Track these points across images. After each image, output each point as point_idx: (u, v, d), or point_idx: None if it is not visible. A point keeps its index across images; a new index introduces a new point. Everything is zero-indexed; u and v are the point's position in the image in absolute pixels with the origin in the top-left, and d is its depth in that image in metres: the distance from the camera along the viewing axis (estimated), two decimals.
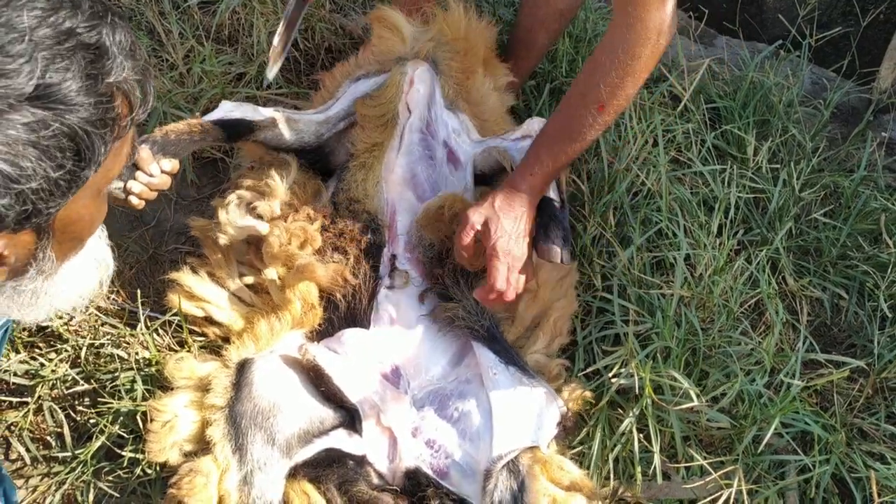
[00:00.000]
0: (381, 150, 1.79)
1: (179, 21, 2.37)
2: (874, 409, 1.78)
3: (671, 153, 2.04)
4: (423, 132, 1.83)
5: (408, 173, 1.78)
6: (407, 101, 1.83)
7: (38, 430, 1.66)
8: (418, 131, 1.82)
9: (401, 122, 1.82)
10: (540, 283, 1.66)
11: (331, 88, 1.94)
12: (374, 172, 1.76)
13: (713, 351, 1.72)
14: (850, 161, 2.29)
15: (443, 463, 1.48)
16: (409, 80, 1.85)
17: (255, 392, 1.49)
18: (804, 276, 1.99)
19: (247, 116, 1.73)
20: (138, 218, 2.07)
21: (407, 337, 1.63)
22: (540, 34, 2.08)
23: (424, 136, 1.83)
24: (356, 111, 1.82)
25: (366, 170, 1.77)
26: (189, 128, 1.65)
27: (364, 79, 1.87)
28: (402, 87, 1.83)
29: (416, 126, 1.82)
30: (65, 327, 1.74)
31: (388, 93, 1.82)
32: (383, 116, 1.81)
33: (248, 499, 1.38)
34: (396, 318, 1.64)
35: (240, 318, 1.69)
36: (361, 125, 1.81)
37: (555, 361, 1.64)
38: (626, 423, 1.58)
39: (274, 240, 1.63)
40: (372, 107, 1.81)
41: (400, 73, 1.84)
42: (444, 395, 1.56)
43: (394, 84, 1.83)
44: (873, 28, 2.70)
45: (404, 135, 1.81)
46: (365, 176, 1.76)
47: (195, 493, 1.34)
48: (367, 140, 1.79)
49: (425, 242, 1.69)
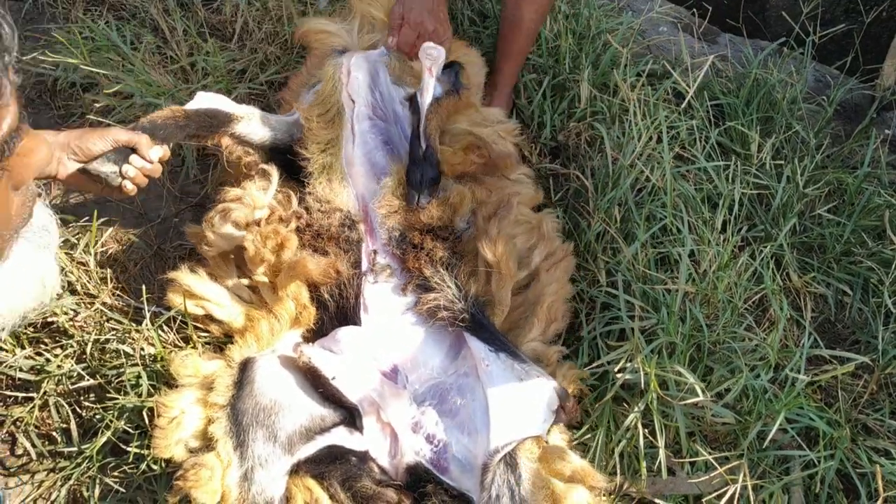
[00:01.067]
0: (335, 146, 1.78)
1: (183, 18, 2.38)
2: (879, 405, 1.78)
3: (675, 150, 2.04)
4: (371, 118, 1.82)
5: (367, 163, 1.78)
6: (348, 91, 1.83)
7: (43, 426, 1.66)
8: (366, 119, 1.82)
9: (347, 114, 1.82)
10: (499, 257, 1.65)
11: (291, 101, 1.97)
12: (336, 170, 1.76)
13: (718, 346, 1.72)
14: (853, 158, 2.29)
15: (442, 458, 1.48)
16: (345, 70, 1.85)
17: (257, 390, 1.49)
18: (808, 273, 1.99)
19: (223, 107, 1.75)
20: (143, 214, 2.07)
21: (399, 331, 1.63)
22: (526, 9, 2.08)
23: (374, 121, 1.82)
24: (300, 113, 1.82)
25: (327, 169, 1.76)
26: (173, 113, 1.67)
27: (319, 84, 1.88)
28: (340, 79, 1.84)
29: (363, 114, 1.82)
30: (70, 323, 1.74)
31: (325, 88, 1.83)
32: (328, 112, 1.81)
33: (249, 495, 1.39)
34: (385, 312, 1.64)
35: (240, 316, 1.69)
36: (308, 126, 1.80)
37: (552, 349, 1.64)
38: (630, 418, 1.58)
39: (249, 244, 1.64)
40: (314, 105, 1.82)
41: (333, 66, 1.85)
42: (444, 390, 1.56)
43: (329, 78, 1.84)
44: (876, 25, 2.70)
45: (354, 126, 1.80)
46: (329, 175, 1.75)
47: (201, 485, 1.35)
48: (319, 139, 1.79)
49: (395, 234, 1.69)
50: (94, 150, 1.49)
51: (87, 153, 1.48)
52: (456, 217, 1.72)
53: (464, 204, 1.72)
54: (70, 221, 1.94)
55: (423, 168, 1.68)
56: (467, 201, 1.73)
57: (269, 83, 2.31)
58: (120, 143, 1.51)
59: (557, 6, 2.38)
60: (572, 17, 2.38)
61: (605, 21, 2.41)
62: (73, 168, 1.49)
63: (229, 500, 1.38)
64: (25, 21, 2.53)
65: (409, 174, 1.70)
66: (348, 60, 1.89)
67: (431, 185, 1.68)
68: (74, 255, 1.88)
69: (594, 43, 2.34)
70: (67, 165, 1.48)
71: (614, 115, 2.13)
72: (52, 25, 2.41)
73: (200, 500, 1.35)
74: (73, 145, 1.47)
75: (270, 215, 1.69)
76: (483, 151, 1.82)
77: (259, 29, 2.41)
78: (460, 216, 1.72)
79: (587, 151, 2.13)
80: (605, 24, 2.39)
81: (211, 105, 1.75)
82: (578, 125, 2.17)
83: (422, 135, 1.71)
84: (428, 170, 1.68)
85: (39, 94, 2.32)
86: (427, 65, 1.75)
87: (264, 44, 2.39)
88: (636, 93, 2.02)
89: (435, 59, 1.75)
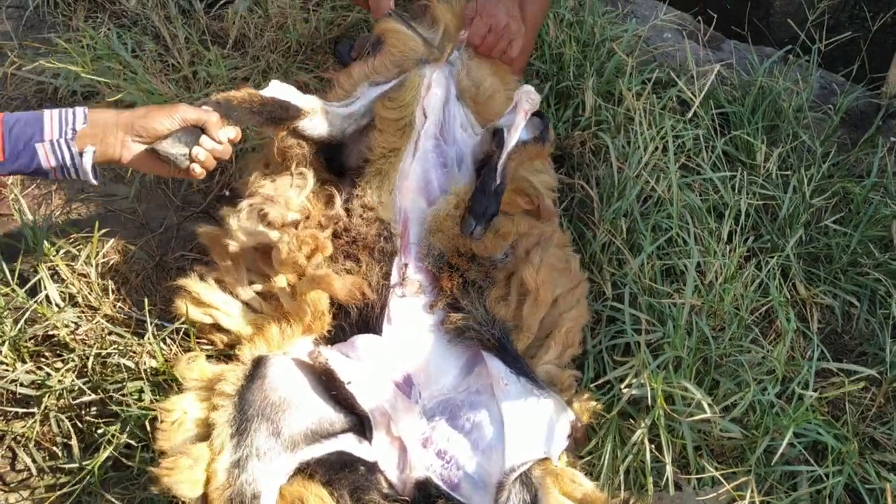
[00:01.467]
0: (396, 156, 1.76)
1: (185, 26, 2.37)
2: (886, 419, 1.77)
3: (681, 160, 2.03)
4: (437, 138, 1.81)
5: (422, 181, 1.76)
6: (424, 105, 1.81)
7: (45, 441, 1.65)
8: (433, 137, 1.80)
9: (417, 127, 1.80)
10: (539, 284, 1.65)
11: (346, 88, 1.89)
12: (389, 179, 1.74)
13: (724, 360, 1.71)
14: (859, 166, 2.28)
15: (454, 474, 1.46)
16: (426, 83, 1.83)
17: (268, 385, 1.46)
18: (815, 283, 1.97)
19: (294, 100, 1.70)
20: (144, 224, 2.06)
21: (419, 345, 1.61)
22: (528, 4, 2.05)
23: (438, 141, 1.81)
24: (376, 113, 1.79)
25: (381, 176, 1.74)
26: (250, 97, 1.61)
27: (383, 84, 1.84)
28: (420, 90, 1.81)
29: (431, 132, 1.80)
30: (71, 336, 1.73)
31: (406, 95, 1.80)
32: (401, 120, 1.78)
33: (236, 482, 1.34)
34: (408, 327, 1.63)
35: (248, 326, 1.68)
36: (380, 129, 1.78)
37: (566, 372, 1.63)
38: (637, 434, 1.56)
39: (283, 246, 1.61)
40: (391, 109, 1.79)
41: (419, 76, 1.82)
42: (456, 406, 1.54)
43: (413, 87, 1.81)
44: (882, 32, 2.69)
45: (420, 141, 1.78)
46: (380, 183, 1.73)
47: (176, 473, 1.31)
48: (386, 145, 1.77)
49: (434, 252, 1.68)
50: (161, 129, 1.43)
51: (153, 133, 1.42)
52: (501, 247, 1.72)
53: (511, 235, 1.72)
54: (71, 232, 1.93)
55: (490, 202, 1.66)
56: (513, 233, 1.73)
57: None
58: (189, 122, 1.45)
59: (561, 14, 2.37)
60: (576, 24, 2.37)
61: (610, 28, 2.39)
62: (137, 150, 1.44)
63: (212, 485, 1.33)
64: (26, 28, 2.52)
65: (475, 203, 1.66)
66: (431, 73, 1.85)
67: (491, 218, 1.67)
68: (76, 266, 1.86)
69: (598, 51, 2.33)
70: (131, 147, 1.43)
71: (619, 125, 2.12)
72: (52, 34, 2.40)
73: (177, 489, 1.31)
74: (138, 125, 1.41)
75: (308, 218, 1.67)
76: (533, 200, 1.82)
77: (261, 36, 2.40)
78: (504, 247, 1.72)
79: (592, 161, 2.12)
80: (610, 31, 2.38)
81: (284, 96, 1.69)
82: (583, 134, 2.15)
83: (499, 171, 1.68)
84: (493, 204, 1.66)
85: (40, 101, 2.31)
86: (525, 107, 1.72)
87: (266, 51, 2.38)
88: (641, 102, 2.00)
89: (533, 103, 1.74)
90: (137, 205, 2.09)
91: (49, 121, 1.37)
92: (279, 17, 2.40)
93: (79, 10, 2.50)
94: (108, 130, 1.40)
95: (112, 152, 1.41)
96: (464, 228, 1.65)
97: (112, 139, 1.41)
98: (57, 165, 1.38)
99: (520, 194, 1.82)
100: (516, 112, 1.73)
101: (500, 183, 1.68)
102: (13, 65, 2.28)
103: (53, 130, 1.36)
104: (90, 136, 1.39)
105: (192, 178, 1.51)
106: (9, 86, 2.33)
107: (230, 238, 1.66)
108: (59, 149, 1.36)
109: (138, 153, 1.44)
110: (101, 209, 2.06)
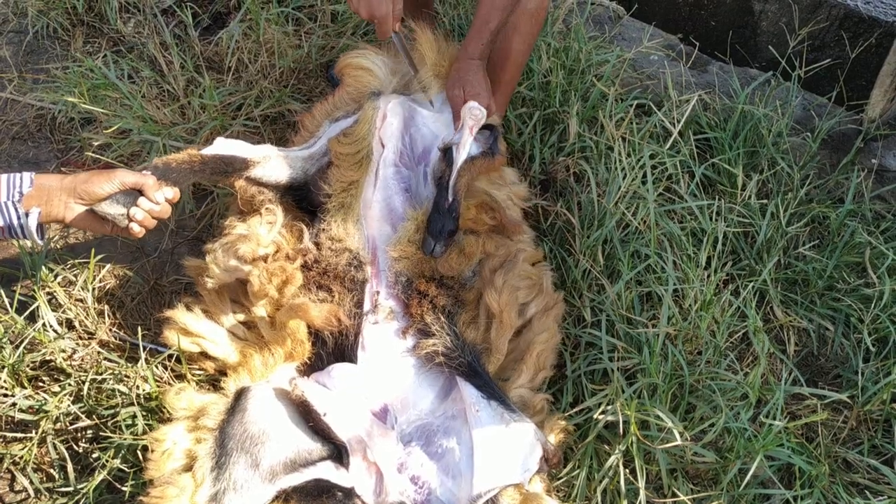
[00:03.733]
0: (357, 188, 1.82)
1: (180, 52, 2.42)
2: (859, 440, 1.82)
3: (660, 188, 2.07)
4: (396, 165, 1.86)
5: (385, 208, 1.81)
6: (380, 135, 1.87)
7: (42, 464, 1.71)
8: (392, 165, 1.86)
9: (375, 158, 1.85)
10: (503, 307, 1.70)
11: (311, 128, 1.98)
12: (353, 211, 1.80)
13: (700, 384, 1.76)
14: (839, 189, 2.32)
15: (425, 499, 1.51)
16: (381, 114, 1.88)
17: (248, 418, 1.53)
18: (791, 307, 2.02)
19: (241, 153, 1.78)
20: (139, 249, 2.12)
21: (394, 372, 1.67)
22: (514, 39, 2.10)
23: (398, 168, 1.86)
24: (331, 149, 1.85)
25: (345, 209, 1.80)
26: (189, 158, 1.69)
27: (343, 118, 1.91)
28: (375, 122, 1.87)
29: (389, 160, 1.86)
30: (68, 362, 1.79)
31: (360, 129, 1.86)
32: (358, 153, 1.84)
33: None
34: (382, 353, 1.68)
35: (234, 353, 1.74)
36: (336, 164, 1.84)
37: (538, 396, 1.68)
38: (612, 459, 1.61)
39: (255, 279, 1.67)
40: (346, 144, 1.85)
41: (372, 109, 1.88)
42: (431, 431, 1.59)
43: (367, 120, 1.87)
44: (867, 52, 2.73)
45: (379, 170, 1.84)
46: (345, 215, 1.79)
47: (164, 502, 1.37)
48: (344, 179, 1.82)
49: (402, 279, 1.73)
50: (101, 192, 1.52)
51: (93, 196, 1.51)
52: (466, 266, 1.77)
53: (476, 254, 1.77)
54: (68, 258, 1.99)
55: (445, 220, 1.72)
56: (479, 252, 1.78)
57: (264, 117, 2.36)
58: (127, 186, 1.54)
59: (548, 42, 2.42)
60: (562, 50, 2.42)
61: (595, 54, 2.44)
62: (79, 210, 1.52)
63: None
64: (26, 53, 2.58)
65: (431, 222, 1.73)
66: (385, 104, 1.91)
67: (449, 236, 1.72)
68: (73, 291, 1.93)
69: (584, 76, 2.38)
70: (74, 209, 1.52)
71: (601, 152, 2.17)
72: (50, 66, 2.46)
73: None
74: (80, 189, 1.50)
75: (277, 252, 1.73)
76: (496, 214, 1.87)
77: (255, 61, 2.46)
78: (470, 266, 1.77)
79: (574, 187, 2.17)
80: (596, 57, 2.43)
81: (229, 152, 1.76)
82: (567, 160, 2.21)
83: (451, 188, 1.74)
84: (449, 222, 1.72)
85: (39, 127, 2.37)
86: (469, 123, 1.79)
87: (259, 77, 2.43)
88: (622, 131, 2.06)
89: (477, 119, 1.79)
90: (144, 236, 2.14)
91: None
92: (271, 42, 2.46)
93: (77, 36, 2.56)
94: (52, 194, 1.49)
95: (56, 213, 1.50)
96: (424, 248, 1.71)
97: (56, 201, 1.50)
98: (4, 225, 1.46)
99: (484, 210, 1.86)
100: (462, 129, 1.79)
101: (453, 200, 1.74)
102: (13, 93, 2.35)
103: (1, 193, 1.46)
104: (36, 199, 1.48)
105: (132, 237, 1.59)
106: (10, 111, 2.40)
107: (208, 275, 1.73)
108: (6, 210, 1.45)
109: (80, 213, 1.53)
110: (97, 235, 2.12)
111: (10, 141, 2.34)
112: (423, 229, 1.75)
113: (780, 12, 2.91)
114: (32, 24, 2.60)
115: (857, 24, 2.76)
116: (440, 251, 1.71)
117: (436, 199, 1.77)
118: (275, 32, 2.46)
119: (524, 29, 2.09)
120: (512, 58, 2.16)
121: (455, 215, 1.74)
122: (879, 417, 1.83)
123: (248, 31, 2.51)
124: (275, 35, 2.45)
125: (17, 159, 2.30)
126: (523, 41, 2.14)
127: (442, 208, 1.74)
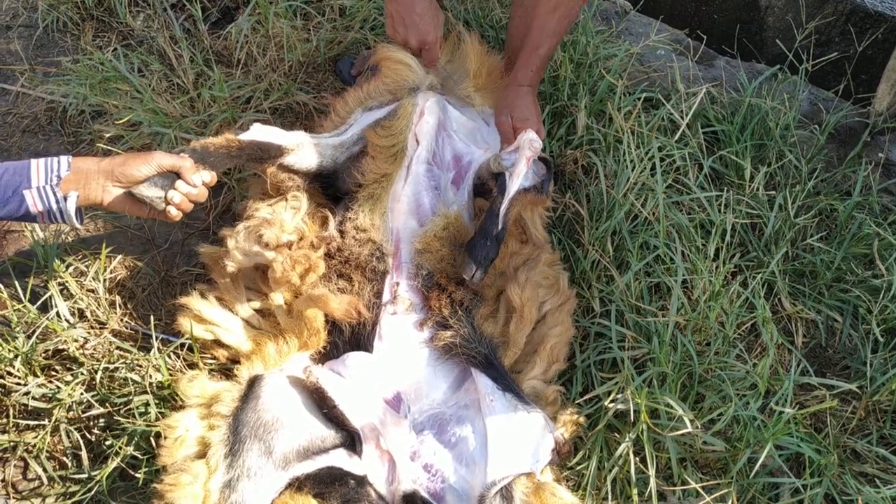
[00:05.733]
0: (388, 181, 1.83)
1: (190, 46, 2.43)
2: (867, 430, 1.83)
3: (668, 180, 2.08)
4: (429, 163, 1.87)
5: (413, 203, 1.82)
6: (416, 132, 1.87)
7: (55, 451, 1.72)
8: (425, 162, 1.87)
9: (409, 154, 1.86)
10: (524, 302, 1.71)
11: (342, 114, 1.97)
12: (381, 203, 1.80)
13: (709, 374, 1.77)
14: (846, 182, 2.33)
15: (439, 487, 1.52)
16: (419, 111, 1.89)
17: (261, 405, 1.53)
18: (799, 299, 2.03)
19: (277, 140, 1.78)
20: (150, 240, 2.13)
21: (409, 362, 1.68)
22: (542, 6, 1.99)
23: (430, 166, 1.87)
24: (368, 140, 1.86)
25: (373, 200, 1.81)
26: (227, 142, 1.69)
27: (376, 108, 1.91)
28: (412, 118, 1.88)
29: (423, 157, 1.86)
30: (80, 351, 1.80)
31: (398, 123, 1.87)
32: (393, 147, 1.85)
33: (227, 502, 1.40)
34: (398, 344, 1.69)
35: (248, 341, 1.74)
36: (372, 155, 1.84)
37: (551, 388, 1.69)
38: (622, 447, 1.62)
39: (278, 266, 1.68)
40: (383, 136, 1.85)
41: (411, 105, 1.89)
42: (444, 420, 1.60)
43: (405, 115, 1.88)
44: (874, 47, 2.73)
45: (412, 166, 1.85)
46: (372, 206, 1.80)
47: (178, 489, 1.38)
48: (377, 171, 1.83)
49: (423, 272, 1.74)
50: (139, 175, 1.52)
51: (130, 179, 1.52)
52: (491, 277, 1.77)
53: (500, 265, 1.77)
54: (80, 249, 2.00)
55: (491, 248, 1.70)
56: (504, 265, 1.78)
57: (273, 109, 2.37)
58: (164, 168, 1.54)
59: None
60: (570, 44, 2.42)
61: (603, 48, 2.45)
62: (117, 194, 1.53)
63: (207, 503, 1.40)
64: (36, 47, 2.60)
65: (476, 247, 1.70)
66: (424, 102, 1.92)
67: (490, 263, 1.70)
68: (84, 282, 1.94)
69: (592, 70, 2.39)
70: (112, 192, 1.52)
71: (610, 144, 2.18)
72: (61, 58, 2.47)
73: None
74: (118, 172, 1.51)
75: (301, 239, 1.73)
76: (524, 236, 1.88)
77: (263, 55, 2.47)
78: (494, 276, 1.78)
79: (583, 179, 2.18)
80: (603, 50, 2.43)
81: (265, 138, 1.77)
82: (575, 153, 2.21)
83: (501, 217, 1.73)
84: (494, 250, 1.70)
85: (50, 120, 2.38)
86: (527, 154, 1.77)
87: (268, 70, 2.44)
88: (630, 123, 2.06)
89: (536, 151, 1.78)
90: (143, 222, 2.16)
91: (36, 169, 1.47)
92: (280, 36, 2.47)
93: (87, 30, 2.57)
94: (90, 177, 1.50)
95: (94, 196, 1.51)
96: (464, 271, 1.68)
97: (94, 184, 1.51)
98: (44, 210, 1.47)
99: (515, 225, 1.87)
100: (519, 159, 1.77)
101: (502, 229, 1.73)
102: (25, 86, 2.36)
103: (40, 177, 1.46)
104: (74, 182, 1.49)
105: (169, 220, 1.58)
106: (21, 105, 2.41)
107: (228, 259, 1.73)
108: (45, 194, 1.46)
109: (117, 196, 1.54)
110: (108, 226, 2.14)
111: (21, 134, 2.36)
112: (451, 229, 1.74)
113: (787, 7, 2.92)
114: (42, 18, 2.61)
115: (864, 18, 2.77)
116: (480, 277, 1.69)
117: (485, 224, 1.73)
118: (283, 26, 2.47)
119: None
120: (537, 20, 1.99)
121: (500, 243, 1.73)
122: (888, 408, 1.83)
123: (256, 26, 2.52)
124: (283, 29, 2.46)
125: (28, 152, 2.31)
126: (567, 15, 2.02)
127: (489, 234, 1.71)
